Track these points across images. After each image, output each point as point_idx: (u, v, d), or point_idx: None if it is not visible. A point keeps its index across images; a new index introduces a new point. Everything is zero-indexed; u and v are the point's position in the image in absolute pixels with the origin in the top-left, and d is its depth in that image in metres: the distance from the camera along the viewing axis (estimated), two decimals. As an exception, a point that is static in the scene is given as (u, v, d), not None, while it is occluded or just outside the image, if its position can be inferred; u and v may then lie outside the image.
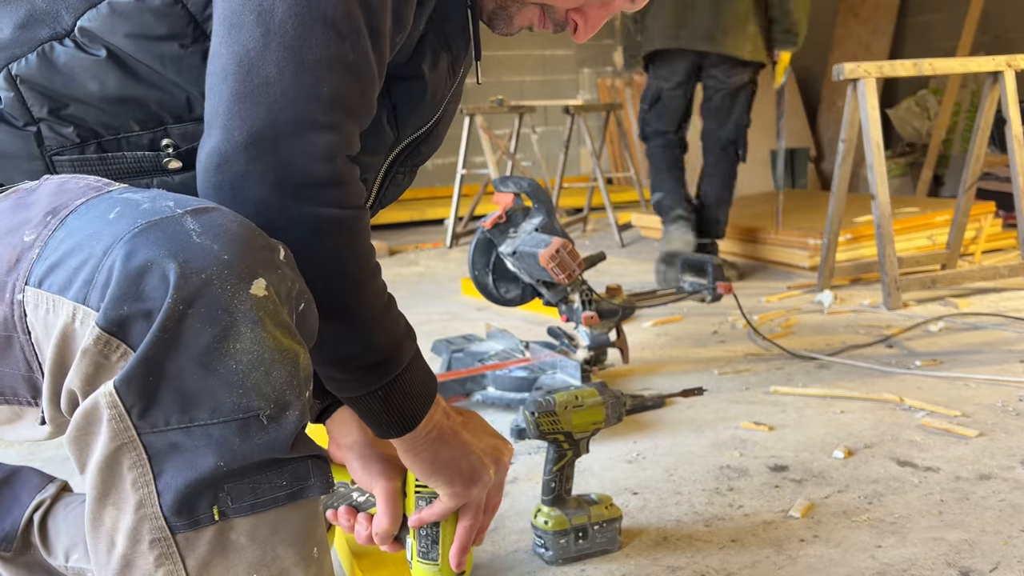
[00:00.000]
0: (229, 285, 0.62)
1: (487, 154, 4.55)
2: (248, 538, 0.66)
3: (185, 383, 0.62)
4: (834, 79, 2.79)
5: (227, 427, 0.63)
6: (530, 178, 2.08)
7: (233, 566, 0.66)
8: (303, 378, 0.67)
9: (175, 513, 0.64)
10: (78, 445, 0.65)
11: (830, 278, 3.05)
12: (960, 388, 1.99)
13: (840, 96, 5.45)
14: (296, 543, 0.68)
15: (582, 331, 2.02)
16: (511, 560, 1.32)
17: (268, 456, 0.65)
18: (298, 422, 0.66)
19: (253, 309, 0.63)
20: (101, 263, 0.63)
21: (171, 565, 0.65)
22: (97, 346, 0.62)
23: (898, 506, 1.43)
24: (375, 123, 0.91)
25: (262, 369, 0.63)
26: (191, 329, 0.61)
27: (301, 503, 0.68)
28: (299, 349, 0.67)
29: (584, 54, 6.52)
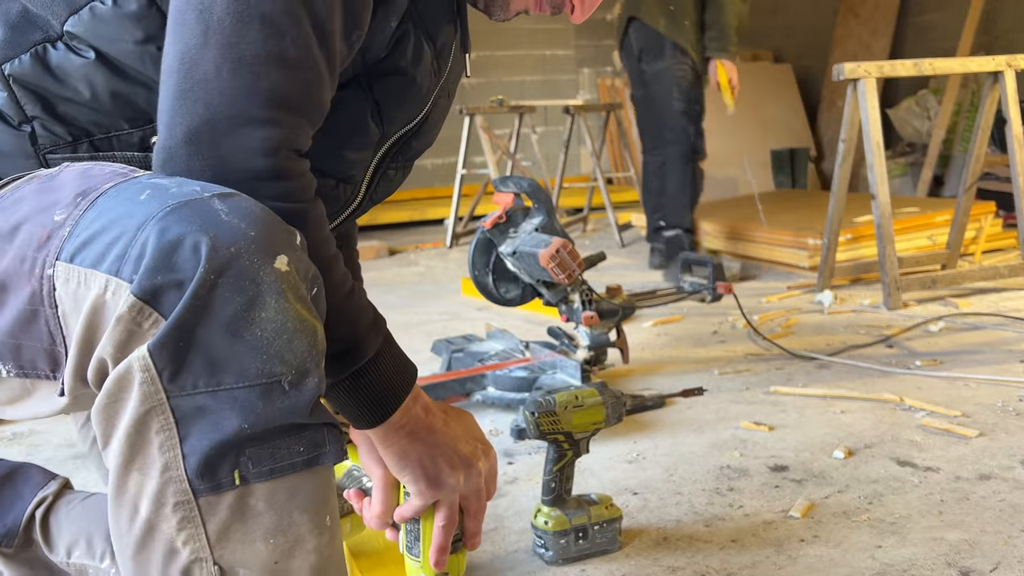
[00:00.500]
0: (256, 259, 0.66)
1: (487, 154, 4.55)
2: (266, 503, 0.68)
3: (214, 349, 0.65)
4: (834, 79, 2.79)
5: (251, 391, 0.65)
6: (530, 178, 2.08)
7: (251, 531, 0.68)
8: (320, 350, 0.70)
9: (199, 476, 0.66)
10: (106, 413, 0.67)
11: (830, 278, 3.05)
12: (960, 388, 1.99)
13: (840, 96, 5.45)
14: (310, 510, 0.70)
15: (582, 331, 2.02)
16: (511, 560, 1.32)
17: (289, 421, 0.67)
18: (316, 389, 0.68)
19: (277, 282, 0.66)
20: (135, 239, 0.66)
21: (193, 529, 0.67)
22: (131, 313, 0.65)
23: (898, 506, 1.43)
24: (358, 120, 0.92)
25: (285, 337, 0.66)
26: (221, 298, 0.64)
27: (316, 470, 0.70)
28: (316, 323, 0.70)
29: (584, 54, 6.52)
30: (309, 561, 0.70)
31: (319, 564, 0.71)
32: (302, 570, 0.70)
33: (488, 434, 1.85)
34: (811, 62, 6.11)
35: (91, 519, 1.09)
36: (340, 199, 0.98)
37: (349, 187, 0.98)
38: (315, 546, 0.71)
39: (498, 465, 1.67)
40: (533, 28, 6.31)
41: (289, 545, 0.69)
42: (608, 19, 6.56)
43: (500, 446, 1.78)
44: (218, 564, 0.68)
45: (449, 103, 1.08)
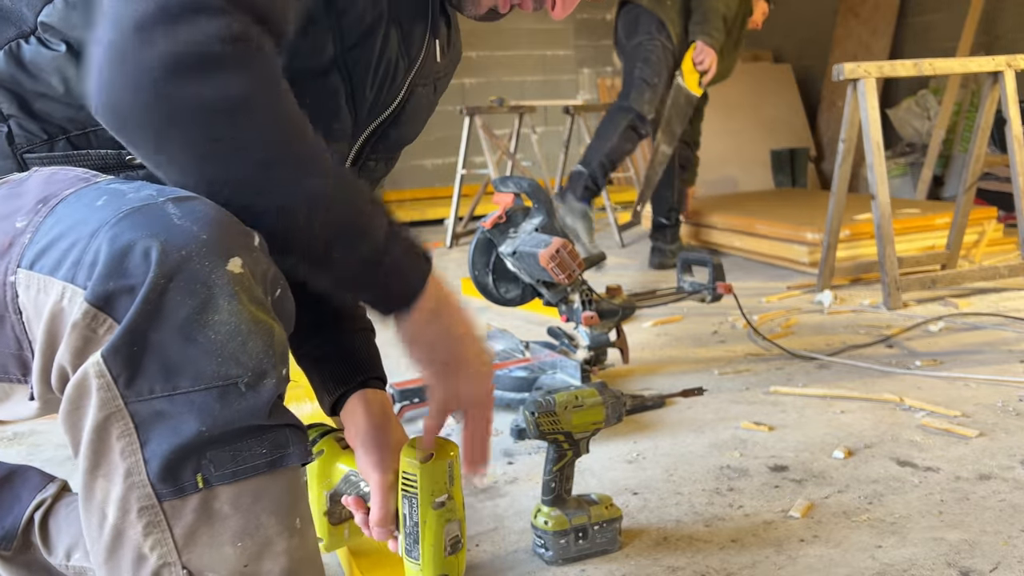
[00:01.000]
0: (207, 261, 0.66)
1: (487, 154, 4.55)
2: (231, 506, 0.68)
3: (167, 352, 0.65)
4: (834, 79, 2.79)
5: (208, 394, 0.65)
6: (530, 178, 2.08)
7: (218, 534, 0.68)
8: (279, 351, 0.70)
9: (161, 480, 0.66)
10: (71, 420, 0.68)
11: (830, 278, 3.05)
12: (960, 388, 1.99)
13: (840, 96, 5.46)
14: (278, 512, 0.70)
15: (582, 331, 2.02)
16: (511, 560, 1.32)
17: (247, 422, 0.67)
18: (275, 390, 0.68)
19: (230, 284, 0.66)
20: (88, 245, 0.66)
21: (159, 533, 0.67)
22: (85, 320, 0.65)
23: (898, 506, 1.43)
24: (333, 105, 0.91)
25: (239, 339, 0.66)
26: (172, 301, 0.65)
27: (281, 472, 0.70)
28: (273, 324, 0.70)
29: (584, 54, 6.52)
30: (279, 564, 0.70)
31: (290, 567, 0.71)
32: (272, 573, 0.70)
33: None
34: (811, 62, 6.11)
35: None
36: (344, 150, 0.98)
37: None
38: (285, 548, 0.70)
39: (498, 465, 1.68)
40: (533, 28, 6.31)
41: (258, 548, 0.69)
42: (608, 19, 6.56)
43: (500, 446, 1.78)
44: (186, 568, 0.68)
45: (432, 94, 1.06)
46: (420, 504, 1.00)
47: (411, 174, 5.94)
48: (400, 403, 1.93)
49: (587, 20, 6.47)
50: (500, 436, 1.83)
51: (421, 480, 0.99)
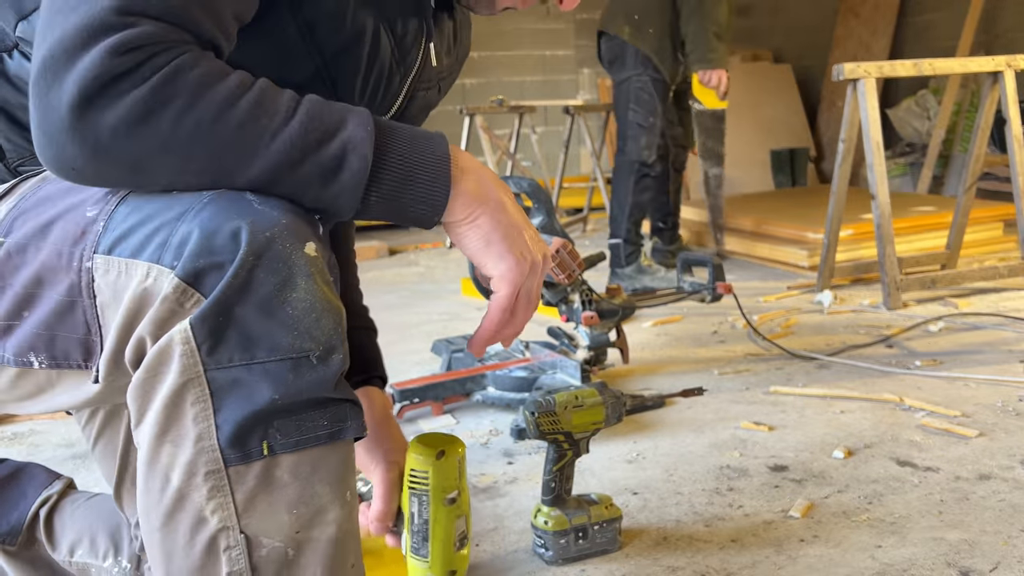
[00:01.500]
0: (289, 243, 0.69)
1: (487, 154, 4.55)
2: (291, 475, 0.71)
3: (249, 325, 0.68)
4: (834, 79, 2.79)
5: (283, 364, 0.69)
6: (530, 178, 2.08)
7: (276, 501, 0.71)
8: (344, 330, 0.73)
9: (231, 445, 0.69)
10: (143, 389, 0.70)
11: (830, 278, 3.05)
12: (960, 388, 1.99)
13: (840, 96, 5.46)
14: (333, 483, 0.73)
15: (582, 331, 2.02)
16: (511, 560, 1.32)
17: (315, 394, 0.70)
18: (341, 364, 0.72)
19: (307, 265, 0.70)
20: (175, 228, 0.69)
21: (222, 498, 0.70)
22: (175, 294, 0.68)
23: (898, 506, 1.43)
24: None
25: (314, 316, 0.70)
26: (258, 278, 0.68)
27: (338, 444, 0.73)
28: (341, 306, 0.73)
29: (584, 54, 6.52)
30: (328, 532, 0.73)
31: (337, 536, 0.73)
32: (320, 540, 0.72)
33: (488, 434, 1.85)
34: (811, 62, 6.11)
35: (95, 518, 1.09)
36: None
37: None
38: (335, 518, 0.73)
39: (498, 465, 1.68)
40: (533, 28, 6.31)
41: (310, 516, 0.72)
42: None
43: (500, 446, 1.78)
44: (244, 532, 0.70)
45: (434, 97, 1.04)
46: (431, 501, 1.00)
47: (411, 174, 5.92)
48: (400, 403, 1.93)
49: (587, 20, 6.46)
50: (500, 436, 1.84)
51: (433, 477, 0.99)
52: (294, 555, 0.71)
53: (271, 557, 0.71)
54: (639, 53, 3.20)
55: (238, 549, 0.70)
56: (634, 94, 3.23)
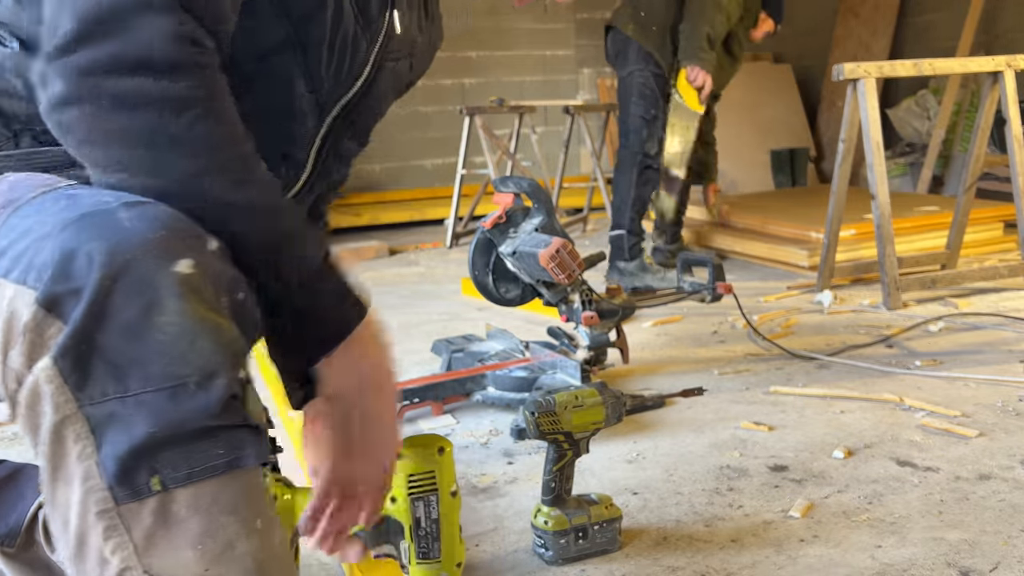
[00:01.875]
0: (153, 263, 0.66)
1: (487, 154, 4.55)
2: (189, 509, 0.67)
3: (116, 354, 0.65)
4: (834, 79, 2.79)
5: (158, 395, 0.65)
6: (530, 178, 2.08)
7: (177, 538, 0.68)
8: (230, 352, 0.69)
9: (118, 483, 0.66)
10: (29, 424, 0.68)
11: (830, 278, 3.05)
12: (960, 388, 1.99)
13: (840, 96, 5.45)
14: (237, 513, 0.69)
15: (582, 331, 2.02)
16: (511, 560, 1.32)
17: (199, 423, 0.67)
18: (225, 390, 0.68)
19: (177, 284, 0.66)
20: (40, 248, 0.67)
21: (119, 537, 0.67)
22: (34, 322, 0.66)
23: (898, 506, 1.43)
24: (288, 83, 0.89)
25: (187, 339, 0.66)
26: (118, 302, 0.65)
27: (238, 473, 0.69)
28: (225, 324, 0.69)
29: (584, 54, 6.52)
30: (243, 565, 0.69)
31: (254, 567, 0.70)
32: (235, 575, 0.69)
33: (488, 434, 1.85)
34: (811, 62, 6.11)
35: None
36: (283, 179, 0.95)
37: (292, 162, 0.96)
38: (247, 550, 0.70)
39: (498, 465, 1.68)
40: (533, 28, 6.31)
41: (219, 550, 0.69)
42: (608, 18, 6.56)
43: (500, 446, 1.78)
44: (147, 572, 0.67)
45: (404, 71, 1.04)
46: (441, 499, 0.99)
47: (411, 174, 5.94)
48: (400, 403, 1.92)
49: (587, 20, 6.47)
50: (500, 436, 1.84)
51: (440, 474, 0.98)
52: None
53: None
54: (642, 49, 3.25)
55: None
56: (637, 89, 3.28)
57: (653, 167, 3.31)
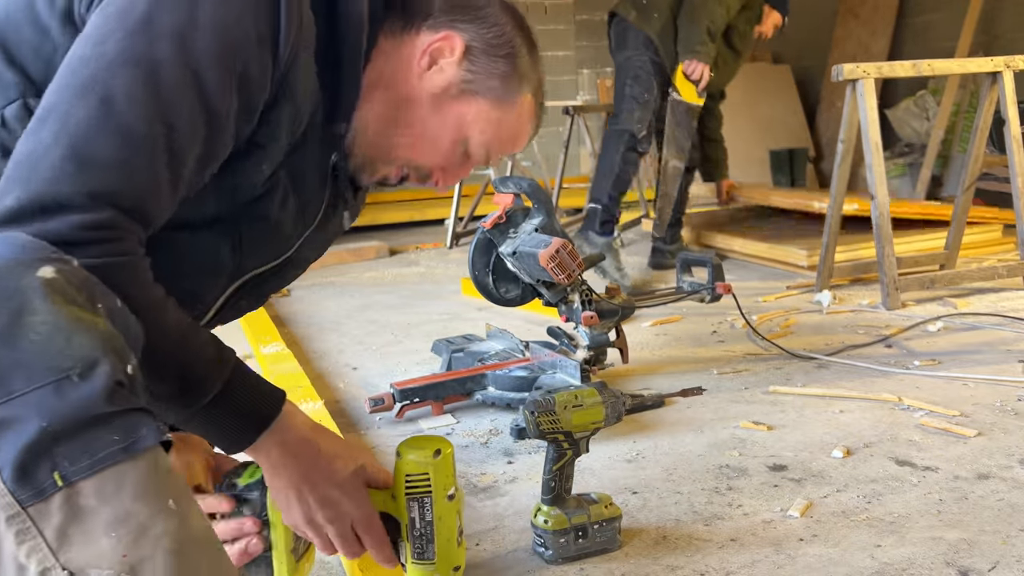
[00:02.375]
0: (15, 273, 0.69)
1: (487, 154, 4.55)
2: (97, 499, 0.68)
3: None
4: (833, 80, 2.79)
5: (43, 391, 0.67)
6: (530, 178, 2.08)
7: (90, 529, 0.68)
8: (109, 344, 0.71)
9: (19, 485, 0.67)
10: None
11: (829, 278, 3.05)
12: (959, 388, 2.00)
13: (839, 96, 5.45)
14: (145, 495, 0.70)
15: (582, 331, 2.02)
16: (511, 559, 1.32)
17: (88, 412, 0.68)
18: (110, 376, 0.69)
19: (42, 288, 0.69)
20: None
21: (32, 540, 0.67)
22: None
23: (897, 505, 1.43)
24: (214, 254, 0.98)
25: (63, 335, 0.69)
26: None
27: (139, 457, 0.70)
28: (100, 322, 0.72)
29: (584, 55, 6.53)
30: (162, 546, 0.70)
31: (174, 548, 0.71)
32: (156, 557, 0.70)
33: (488, 434, 1.85)
34: (810, 62, 6.12)
35: None
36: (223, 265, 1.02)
37: (199, 305, 1.02)
38: (164, 530, 0.70)
39: (498, 465, 1.68)
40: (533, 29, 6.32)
41: (133, 535, 0.69)
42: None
43: (500, 445, 1.79)
44: (66, 568, 0.68)
45: (318, 253, 1.13)
46: (435, 501, 1.00)
47: (411, 174, 5.93)
48: (400, 403, 1.93)
49: (587, 21, 6.47)
50: (500, 436, 1.84)
51: (435, 476, 0.99)
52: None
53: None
54: (641, 35, 3.27)
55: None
56: (633, 71, 3.30)
57: (638, 149, 3.32)
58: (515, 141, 1.09)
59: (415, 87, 1.02)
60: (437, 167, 1.06)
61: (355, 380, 2.28)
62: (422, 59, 1.01)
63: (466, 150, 1.06)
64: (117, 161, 0.80)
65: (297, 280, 1.18)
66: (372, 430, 1.92)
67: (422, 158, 1.05)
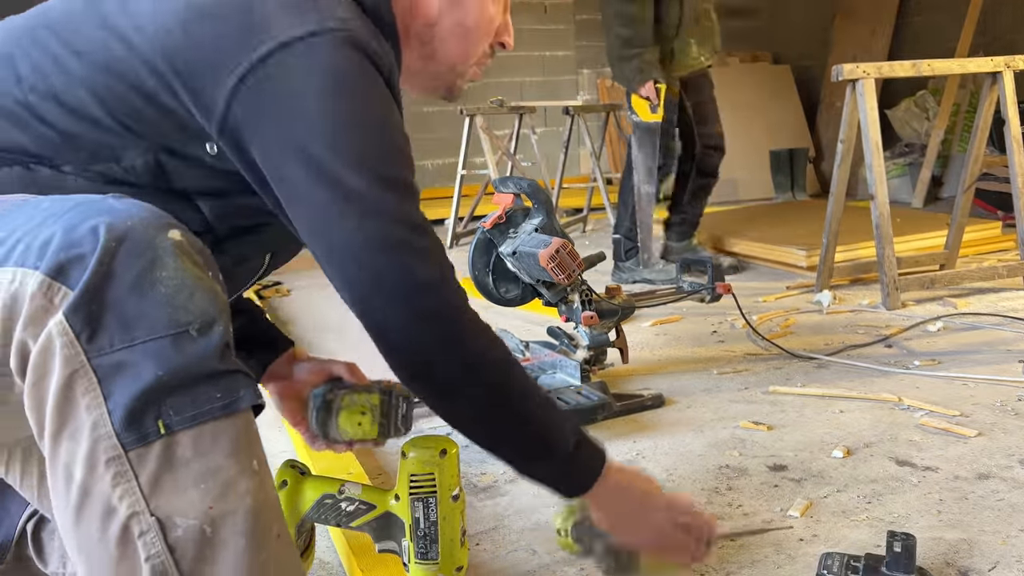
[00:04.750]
0: (151, 230, 0.73)
1: (487, 155, 4.55)
2: (192, 451, 0.71)
3: (124, 307, 0.70)
4: (833, 80, 2.79)
5: (163, 341, 0.71)
6: (530, 179, 2.08)
7: (182, 479, 0.71)
8: (223, 304, 0.75)
9: (126, 428, 0.70)
10: (35, 393, 0.71)
11: (829, 278, 3.05)
12: (959, 388, 2.00)
13: (839, 97, 5.45)
14: (236, 454, 0.73)
15: (582, 331, 2.03)
16: (511, 559, 1.32)
17: (201, 367, 0.72)
18: (223, 336, 0.74)
19: (173, 247, 0.74)
20: (37, 235, 0.72)
21: (127, 483, 0.70)
22: (41, 289, 0.70)
23: (897, 505, 1.43)
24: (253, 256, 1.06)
25: (187, 291, 0.72)
26: (123, 262, 0.71)
27: (236, 416, 0.74)
28: (215, 284, 0.76)
29: (584, 55, 6.53)
30: (244, 503, 0.72)
31: (254, 507, 0.73)
32: (237, 512, 0.72)
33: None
34: (810, 63, 6.12)
35: None
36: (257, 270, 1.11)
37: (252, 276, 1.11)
38: (247, 488, 0.73)
39: (499, 465, 1.67)
40: (533, 29, 6.32)
41: (220, 489, 0.72)
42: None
43: (500, 446, 1.78)
44: (154, 515, 0.70)
45: None
46: (440, 501, 1.00)
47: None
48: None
49: (588, 21, 6.47)
50: (500, 436, 1.84)
51: (440, 476, 0.99)
52: (212, 532, 0.71)
53: (188, 536, 0.70)
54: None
55: (152, 533, 0.70)
56: None
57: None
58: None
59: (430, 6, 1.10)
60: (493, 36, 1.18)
61: (355, 380, 2.27)
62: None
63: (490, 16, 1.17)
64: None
65: (298, 280, 1.22)
66: (372, 430, 1.91)
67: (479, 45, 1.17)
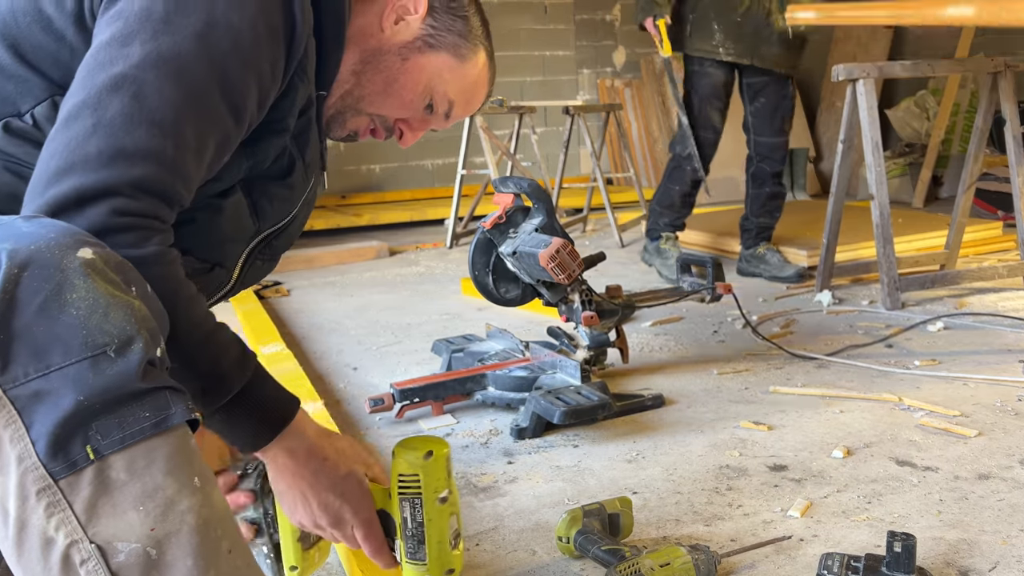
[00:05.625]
0: (58, 251, 0.71)
1: (487, 154, 4.55)
2: (127, 473, 0.70)
3: (34, 335, 0.68)
4: (833, 80, 2.79)
5: (80, 365, 0.69)
6: (530, 178, 2.08)
7: (119, 503, 0.69)
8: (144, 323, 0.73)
9: (51, 458, 0.68)
10: None
11: (829, 278, 3.05)
12: (959, 388, 2.00)
13: (839, 97, 5.46)
14: (174, 471, 0.72)
15: (582, 331, 2.03)
16: (511, 560, 1.32)
17: (123, 387, 0.70)
18: (143, 354, 0.72)
19: (82, 267, 0.71)
20: None
21: (61, 513, 0.69)
22: None
23: (897, 505, 1.43)
24: (241, 219, 1.03)
25: (100, 311, 0.71)
26: (28, 288, 0.69)
27: (169, 433, 0.72)
28: (135, 302, 0.74)
29: (584, 55, 6.53)
30: (188, 522, 0.71)
31: (199, 524, 0.72)
32: (181, 531, 0.71)
33: (488, 434, 1.85)
34: (810, 63, 6.12)
35: None
36: (215, 282, 1.06)
37: (223, 272, 1.06)
38: (190, 506, 0.72)
39: (498, 465, 1.68)
40: (533, 29, 6.32)
41: (161, 509, 0.70)
42: (608, 19, 6.56)
43: (500, 445, 1.79)
44: (94, 542, 0.69)
45: (309, 212, 1.18)
46: (424, 503, 1.00)
47: (411, 174, 5.94)
48: (400, 403, 1.93)
49: (587, 21, 6.47)
50: (500, 436, 1.84)
51: (424, 478, 0.99)
52: (157, 554, 0.70)
53: (131, 561, 0.69)
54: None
55: (93, 561, 0.69)
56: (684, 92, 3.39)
57: (684, 167, 3.39)
58: (473, 96, 1.14)
59: (383, 40, 1.07)
60: (401, 119, 1.12)
61: (355, 380, 2.28)
62: (390, 15, 1.07)
63: (429, 102, 1.11)
64: (152, 151, 0.83)
65: (298, 280, 1.20)
66: (372, 430, 1.92)
67: (388, 109, 1.10)
